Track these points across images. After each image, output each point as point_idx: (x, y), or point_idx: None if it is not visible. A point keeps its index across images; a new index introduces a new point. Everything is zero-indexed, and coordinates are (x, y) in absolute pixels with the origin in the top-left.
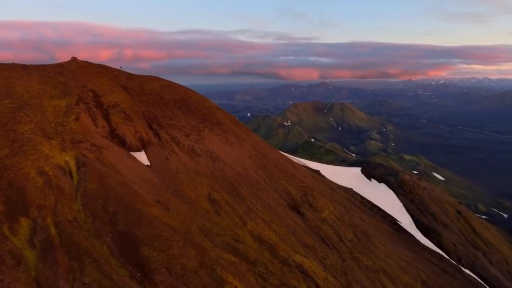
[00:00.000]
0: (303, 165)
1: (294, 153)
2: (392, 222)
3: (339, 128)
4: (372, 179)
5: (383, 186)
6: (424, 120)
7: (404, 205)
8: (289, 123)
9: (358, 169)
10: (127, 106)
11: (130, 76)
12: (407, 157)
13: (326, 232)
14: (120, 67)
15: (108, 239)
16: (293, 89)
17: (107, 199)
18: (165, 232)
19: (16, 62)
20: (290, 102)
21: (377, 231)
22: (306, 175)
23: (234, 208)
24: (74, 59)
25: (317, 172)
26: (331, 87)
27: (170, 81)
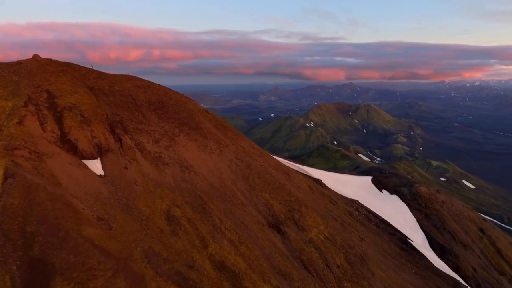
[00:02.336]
0: (305, 174)
1: (309, 156)
2: (401, 240)
3: (364, 130)
4: (383, 190)
5: (395, 198)
6: (456, 124)
7: (418, 221)
8: (311, 125)
9: (368, 178)
10: (88, 108)
11: (100, 75)
12: (434, 162)
13: (309, 256)
14: (91, 66)
15: (14, 268)
16: (318, 89)
17: (29, 217)
18: (92, 259)
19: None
20: (315, 103)
21: (379, 252)
22: (301, 186)
23: (196, 227)
24: (35, 57)
25: (318, 181)
26: (358, 88)
27: (148, 81)
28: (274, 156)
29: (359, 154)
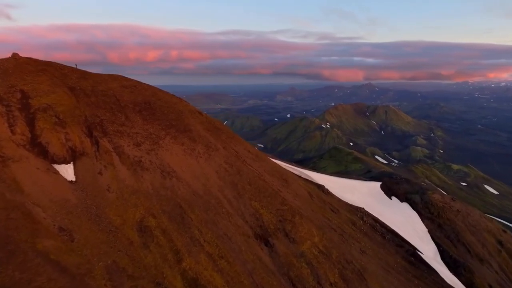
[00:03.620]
0: (307, 179)
1: (320, 159)
2: (409, 253)
3: (382, 132)
4: (393, 197)
5: (405, 206)
6: (479, 126)
7: (430, 231)
8: (327, 125)
9: (377, 184)
10: (65, 109)
11: (84, 74)
12: (455, 166)
13: (299, 272)
14: (75, 65)
15: None
16: (336, 90)
17: None
18: (42, 276)
19: (72, 62)
20: (332, 104)
21: (381, 267)
22: (299, 193)
23: (171, 239)
24: (14, 56)
25: (321, 188)
26: (376, 88)
27: (136, 81)
28: (275, 160)
29: (376, 156)
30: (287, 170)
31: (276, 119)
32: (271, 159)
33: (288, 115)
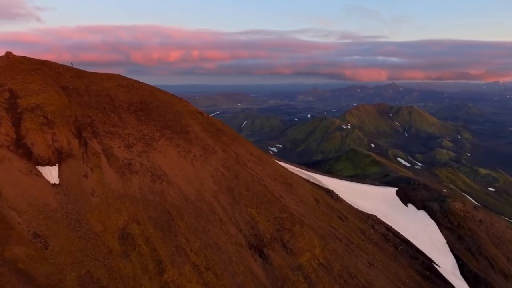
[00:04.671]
0: (316, 184)
1: (337, 161)
2: (424, 265)
3: (405, 133)
4: (409, 204)
5: (422, 214)
6: (511, 128)
7: (449, 243)
8: (348, 126)
9: (393, 189)
10: (54, 109)
11: (80, 73)
12: (483, 171)
13: (295, 287)
14: (71, 64)
15: None
16: (358, 90)
17: None
18: (5, 287)
19: (97, 62)
20: (354, 104)
21: (391, 282)
22: (303, 199)
23: (155, 247)
24: (7, 54)
25: (330, 193)
26: (401, 88)
27: (134, 80)
28: (283, 163)
29: (398, 159)
30: (294, 174)
31: (296, 119)
32: (278, 162)
33: (309, 115)
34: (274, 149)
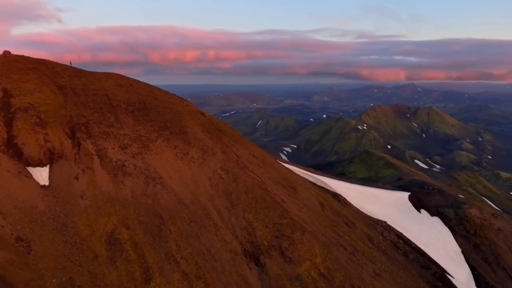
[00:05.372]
0: (323, 188)
1: (350, 163)
2: (436, 276)
3: (423, 135)
4: (422, 210)
5: (436, 221)
6: None
7: (464, 252)
8: (364, 127)
9: (405, 194)
10: (48, 108)
11: (78, 73)
12: (505, 174)
13: None
14: (70, 63)
15: None
16: (375, 90)
17: None
18: None
19: (116, 62)
20: (371, 104)
21: None
22: (307, 204)
23: (143, 254)
24: (5, 53)
25: (337, 197)
26: (419, 89)
27: (133, 80)
28: (289, 166)
29: (416, 161)
30: (300, 177)
31: (311, 119)
32: (284, 164)
33: (324, 116)
34: (288, 149)
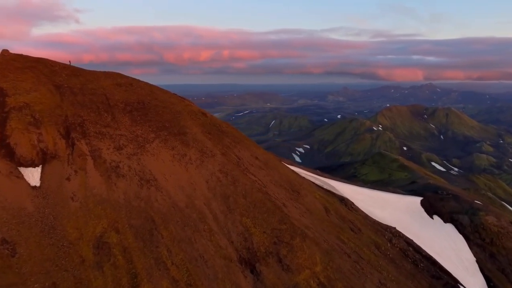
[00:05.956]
0: (329, 191)
1: (362, 165)
2: (448, 287)
3: (441, 136)
4: (435, 216)
5: (449, 228)
6: None
7: (479, 261)
8: (379, 128)
9: (417, 199)
10: (44, 108)
11: (76, 72)
12: None
13: None
14: (69, 62)
15: None
16: (392, 90)
17: None
18: None
19: (132, 62)
20: (387, 105)
21: None
22: (310, 208)
23: (132, 259)
24: (3, 52)
25: (344, 201)
26: (438, 89)
27: (133, 79)
28: (295, 168)
29: (433, 163)
30: (305, 180)
31: (325, 119)
32: (290, 166)
33: (339, 116)
34: (301, 149)
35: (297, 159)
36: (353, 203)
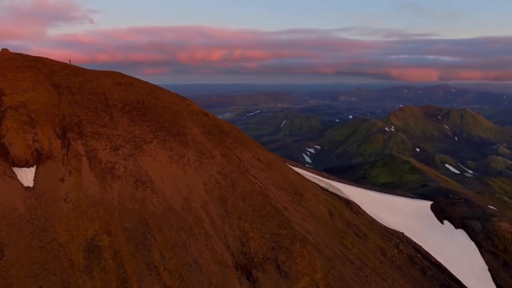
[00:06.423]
0: (335, 194)
1: (372, 166)
2: None
3: (456, 138)
4: (446, 222)
5: (460, 234)
6: None
7: (491, 270)
8: (392, 129)
9: (428, 203)
10: (40, 107)
11: (76, 71)
12: None
13: None
14: (69, 61)
15: None
16: (405, 91)
17: None
18: None
19: (145, 62)
20: (400, 105)
21: None
22: (313, 212)
23: (123, 263)
24: (3, 51)
25: (349, 205)
26: (453, 89)
27: (133, 79)
28: (300, 170)
29: (447, 165)
30: (309, 182)
31: (337, 120)
32: (294, 168)
33: (350, 116)
34: (311, 150)
35: (308, 159)
36: (359, 206)
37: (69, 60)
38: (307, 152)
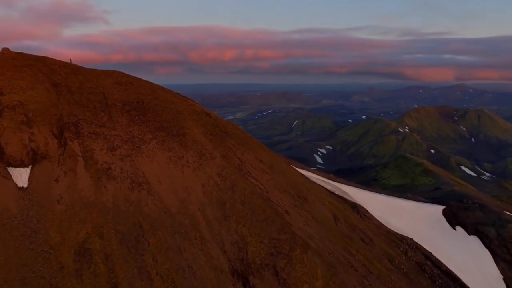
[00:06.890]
0: (341, 197)
1: (384, 168)
2: None
3: (472, 139)
4: (458, 227)
5: (474, 240)
6: None
7: (506, 279)
8: (406, 129)
9: (439, 208)
10: (38, 106)
11: (76, 70)
12: None
13: None
14: (70, 60)
15: None
16: (421, 91)
17: None
18: None
19: (158, 62)
20: (415, 106)
21: None
22: (316, 216)
23: (114, 267)
24: (3, 50)
25: (356, 208)
26: (470, 90)
27: (134, 78)
28: (305, 172)
29: (462, 167)
30: (314, 185)
31: (350, 120)
32: (299, 170)
33: (363, 117)
34: (323, 150)
35: (319, 160)
36: (366, 210)
37: (70, 59)
38: (319, 153)
